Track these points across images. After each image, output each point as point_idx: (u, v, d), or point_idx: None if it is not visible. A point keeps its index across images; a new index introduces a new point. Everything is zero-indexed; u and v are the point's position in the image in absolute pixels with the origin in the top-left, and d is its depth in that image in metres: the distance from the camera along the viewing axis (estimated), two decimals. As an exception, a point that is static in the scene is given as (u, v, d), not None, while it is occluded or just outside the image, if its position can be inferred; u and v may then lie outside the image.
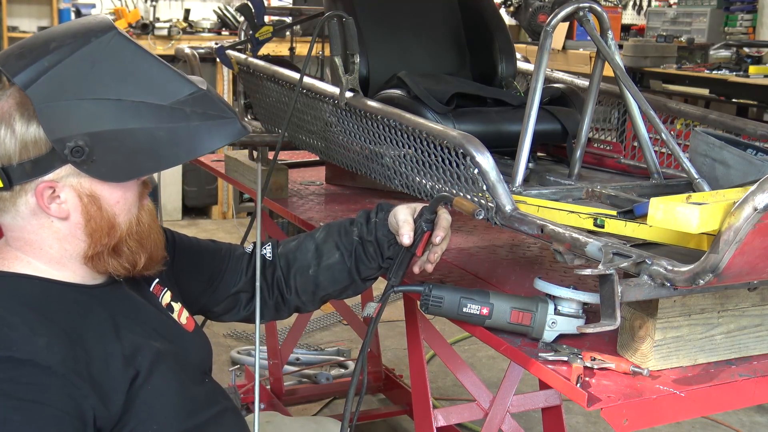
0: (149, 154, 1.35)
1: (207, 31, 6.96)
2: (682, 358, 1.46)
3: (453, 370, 2.21)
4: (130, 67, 1.36)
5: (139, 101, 1.34)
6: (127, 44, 1.38)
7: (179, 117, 1.36)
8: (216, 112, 1.40)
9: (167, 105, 1.36)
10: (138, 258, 1.43)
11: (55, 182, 1.34)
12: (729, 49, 5.37)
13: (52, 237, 1.38)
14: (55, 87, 1.31)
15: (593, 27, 1.89)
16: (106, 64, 1.35)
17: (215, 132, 1.40)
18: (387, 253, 1.72)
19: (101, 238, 1.38)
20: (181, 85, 1.39)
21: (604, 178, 2.07)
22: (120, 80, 1.35)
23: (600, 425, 3.44)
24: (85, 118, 1.32)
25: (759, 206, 1.20)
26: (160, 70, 1.39)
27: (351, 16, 2.11)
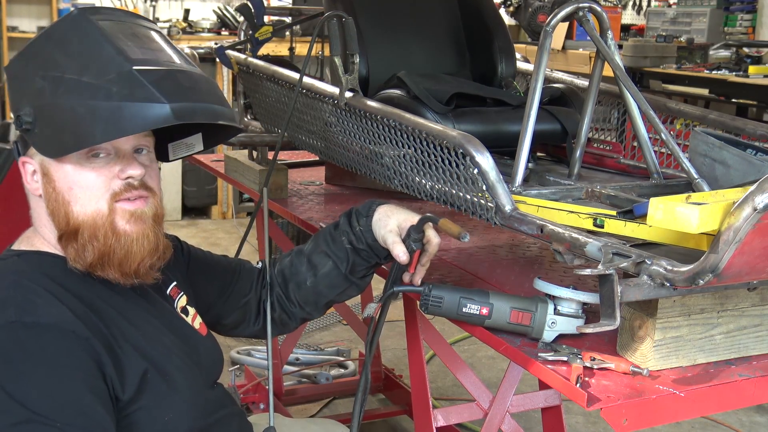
0: (72, 131, 1.35)
1: (207, 31, 6.96)
2: (681, 358, 1.46)
3: (453, 370, 2.21)
4: (79, 45, 1.40)
5: (76, 78, 1.36)
6: (81, 22, 1.42)
7: (102, 95, 1.34)
8: (142, 94, 1.34)
9: (94, 83, 1.35)
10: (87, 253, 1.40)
11: (30, 158, 1.43)
12: (729, 49, 5.37)
13: (45, 216, 1.45)
14: (23, 63, 1.43)
15: (593, 27, 1.89)
16: (60, 42, 1.41)
17: (135, 114, 1.34)
18: (383, 253, 1.73)
19: (59, 221, 1.41)
20: (115, 64, 1.36)
21: (603, 178, 2.07)
22: (67, 57, 1.39)
23: (600, 425, 3.44)
24: (33, 92, 1.38)
25: (759, 206, 1.20)
26: (100, 48, 1.38)
27: (351, 16, 2.11)
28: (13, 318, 1.28)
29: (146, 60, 1.39)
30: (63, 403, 1.25)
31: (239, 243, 2.06)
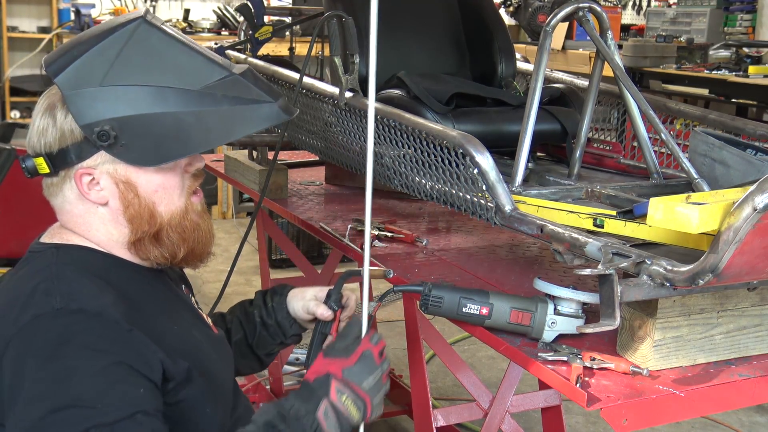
0: (177, 139, 1.38)
1: (207, 31, 6.96)
2: (681, 358, 1.46)
3: (453, 370, 2.21)
4: (157, 53, 1.40)
5: (165, 86, 1.37)
6: (154, 31, 1.41)
7: (208, 101, 1.39)
8: (250, 96, 1.42)
9: (196, 90, 1.38)
10: (178, 250, 1.46)
11: (92, 168, 1.40)
12: (728, 49, 5.37)
13: (98, 221, 1.43)
14: (83, 75, 1.37)
15: (593, 27, 1.89)
16: (132, 51, 1.39)
17: (249, 116, 1.42)
18: (290, 332, 1.77)
19: (141, 225, 1.43)
20: (211, 70, 1.41)
21: (603, 178, 2.07)
22: (146, 66, 1.38)
23: (600, 425, 3.44)
24: (111, 103, 1.36)
25: (758, 206, 1.20)
26: (189, 56, 1.42)
27: (351, 16, 2.11)
28: (59, 305, 1.29)
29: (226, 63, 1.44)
30: (106, 389, 1.26)
31: (239, 243, 2.06)
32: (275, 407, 1.37)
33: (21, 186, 2.91)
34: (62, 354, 1.26)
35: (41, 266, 1.38)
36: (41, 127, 1.40)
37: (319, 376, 1.41)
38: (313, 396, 1.38)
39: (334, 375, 1.40)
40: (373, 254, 2.01)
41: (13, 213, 2.93)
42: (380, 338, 1.47)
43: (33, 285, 1.34)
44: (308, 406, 1.36)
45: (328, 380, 1.39)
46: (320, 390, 1.39)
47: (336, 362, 1.42)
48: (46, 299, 1.30)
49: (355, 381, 1.40)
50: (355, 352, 1.43)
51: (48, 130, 1.39)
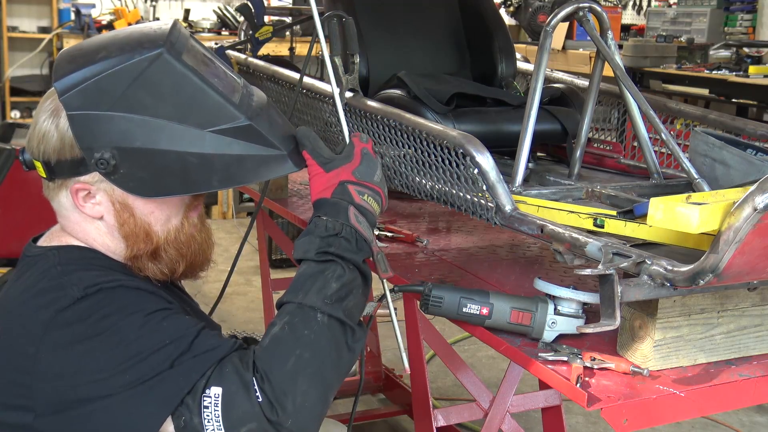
0: (179, 177, 1.35)
1: (207, 31, 6.96)
2: (682, 358, 1.46)
3: (453, 370, 2.21)
4: (171, 89, 1.34)
5: (174, 123, 1.33)
6: (174, 65, 1.34)
7: (216, 145, 1.35)
8: (262, 145, 1.38)
9: (205, 132, 1.34)
10: (177, 266, 1.45)
11: (89, 185, 1.37)
12: (729, 49, 5.37)
13: (95, 231, 1.42)
14: (91, 98, 1.32)
15: (593, 27, 1.89)
16: (146, 83, 1.33)
17: (255, 166, 1.38)
18: None
19: (137, 243, 1.41)
20: (225, 113, 1.36)
21: (604, 178, 2.07)
22: (158, 100, 1.33)
23: (600, 425, 3.44)
24: (116, 132, 1.32)
25: (759, 206, 1.20)
26: (204, 95, 1.36)
27: (351, 16, 2.11)
28: (79, 294, 1.29)
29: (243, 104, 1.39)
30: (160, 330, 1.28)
31: (240, 243, 2.06)
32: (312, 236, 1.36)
33: (21, 186, 2.91)
34: (104, 327, 1.27)
35: (44, 268, 1.37)
36: (42, 132, 1.36)
37: (334, 188, 1.40)
38: (339, 208, 1.38)
39: (347, 180, 1.40)
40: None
41: (13, 213, 2.93)
42: (367, 136, 1.48)
43: (42, 287, 1.33)
44: (339, 219, 1.37)
45: (345, 187, 1.40)
46: (343, 200, 1.39)
47: (343, 169, 1.41)
48: (62, 293, 1.30)
49: (367, 178, 1.42)
50: (356, 154, 1.43)
51: (49, 137, 1.35)
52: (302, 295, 1.31)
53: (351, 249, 1.36)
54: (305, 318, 1.29)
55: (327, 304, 1.30)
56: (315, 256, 1.34)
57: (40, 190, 1.48)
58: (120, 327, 1.27)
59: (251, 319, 4.32)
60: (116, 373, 1.25)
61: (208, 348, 1.28)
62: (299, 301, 1.30)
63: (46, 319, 1.28)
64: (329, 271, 1.33)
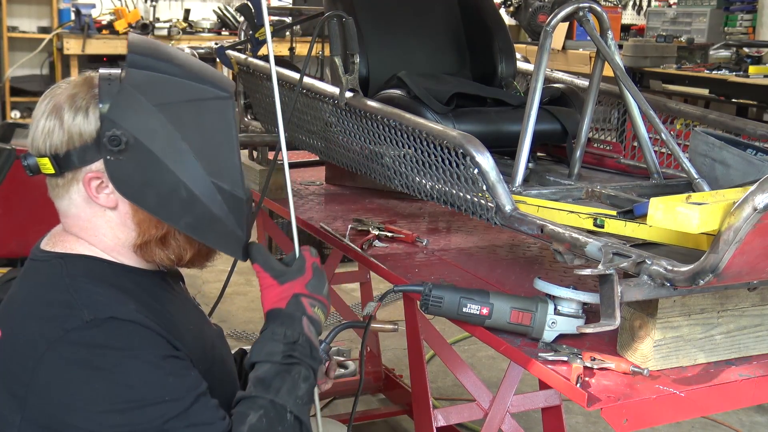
0: (161, 198, 1.38)
1: (207, 31, 6.97)
2: (681, 358, 1.46)
3: (453, 370, 2.21)
4: (212, 127, 1.40)
5: (192, 154, 1.37)
6: (228, 113, 1.41)
7: (209, 195, 1.39)
8: (236, 223, 1.43)
9: (209, 178, 1.39)
10: (184, 253, 1.46)
11: (102, 173, 1.38)
12: (729, 49, 5.37)
13: (105, 225, 1.42)
14: (150, 86, 1.36)
15: (593, 27, 1.89)
16: (199, 109, 1.39)
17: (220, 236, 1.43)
18: None
19: (149, 229, 1.42)
20: (232, 178, 1.42)
21: (604, 178, 2.07)
22: (196, 129, 1.38)
23: (600, 425, 3.44)
24: (144, 126, 1.35)
25: (759, 206, 1.20)
26: (231, 152, 1.42)
27: (351, 16, 2.11)
28: (89, 317, 1.28)
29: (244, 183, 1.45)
30: (165, 383, 1.29)
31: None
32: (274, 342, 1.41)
33: (21, 186, 2.91)
34: (111, 361, 1.27)
35: (52, 278, 1.37)
36: (47, 129, 1.37)
37: (289, 299, 1.47)
38: (294, 318, 1.44)
39: (301, 293, 1.47)
40: (374, 254, 2.01)
41: (13, 213, 2.93)
42: (315, 251, 1.55)
43: (50, 299, 1.33)
44: (295, 327, 1.43)
45: (299, 299, 1.46)
46: (297, 311, 1.45)
47: (297, 282, 1.48)
48: (71, 312, 1.29)
49: (317, 292, 1.49)
50: (307, 267, 1.50)
51: (54, 132, 1.36)
52: (274, 393, 1.36)
53: (308, 355, 1.42)
54: (278, 415, 1.35)
55: (297, 405, 1.37)
56: (280, 359, 1.40)
57: (40, 190, 1.47)
58: (125, 367, 1.27)
59: (251, 319, 4.32)
60: (111, 412, 1.25)
61: (204, 422, 1.29)
62: (271, 398, 1.35)
63: (50, 335, 1.28)
64: (295, 372, 1.39)
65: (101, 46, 6.62)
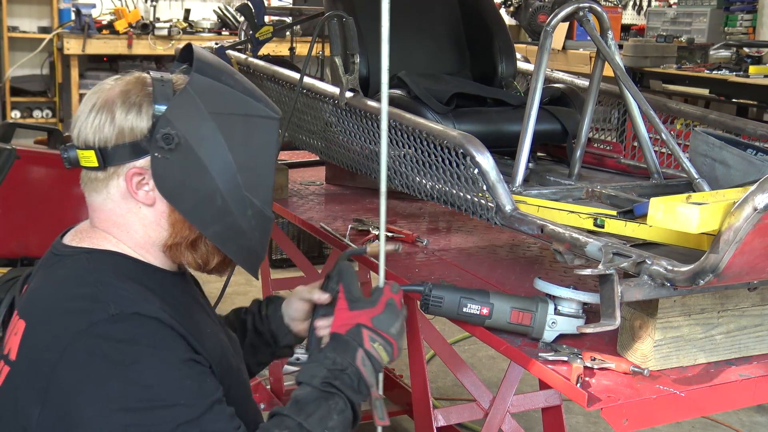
0: (196, 202, 1.41)
1: (207, 31, 6.97)
2: (682, 358, 1.46)
3: (453, 370, 2.21)
4: (257, 145, 1.45)
5: (234, 166, 1.41)
6: (274, 133, 1.48)
7: (241, 208, 1.43)
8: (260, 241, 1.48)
9: (245, 192, 1.43)
10: (211, 258, 1.48)
11: (145, 170, 1.40)
12: (729, 49, 5.37)
13: (138, 222, 1.43)
14: (209, 94, 1.41)
15: (593, 27, 1.89)
16: (248, 124, 1.44)
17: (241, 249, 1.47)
18: (282, 342, 1.76)
19: (182, 230, 1.44)
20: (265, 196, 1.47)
21: (604, 178, 2.07)
22: (243, 142, 1.43)
23: (600, 425, 3.44)
24: (196, 131, 1.39)
25: (759, 206, 1.20)
26: (268, 172, 1.48)
27: (351, 16, 2.11)
28: (115, 311, 1.30)
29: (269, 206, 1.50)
30: (181, 386, 1.29)
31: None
32: (320, 365, 1.41)
33: (21, 186, 2.91)
34: (131, 357, 1.28)
35: (78, 272, 1.38)
36: (97, 122, 1.39)
37: (350, 327, 1.46)
38: (348, 347, 1.44)
39: (364, 325, 1.46)
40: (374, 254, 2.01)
41: (13, 213, 2.93)
42: (399, 287, 1.52)
43: (75, 292, 1.34)
44: (347, 357, 1.42)
45: (360, 330, 1.46)
46: (354, 341, 1.45)
47: (364, 313, 1.47)
48: (97, 306, 1.30)
49: (383, 328, 1.47)
50: (380, 302, 1.49)
51: (105, 126, 1.38)
52: (305, 416, 1.36)
53: (352, 388, 1.42)
54: None
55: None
56: (319, 385, 1.40)
57: (40, 190, 1.47)
58: (144, 365, 1.28)
59: (251, 319, 4.33)
60: (123, 410, 1.26)
61: (216, 430, 1.30)
62: (300, 421, 1.35)
63: (75, 327, 1.29)
64: (333, 402, 1.38)
65: (101, 46, 6.62)
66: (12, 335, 1.37)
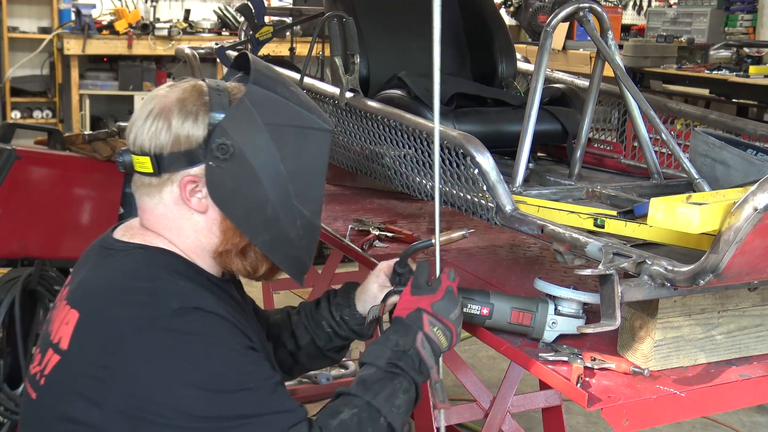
0: (246, 210, 1.43)
1: (207, 32, 6.96)
2: (682, 358, 1.46)
3: (453, 370, 2.21)
4: (309, 157, 1.47)
5: (284, 175, 1.43)
6: (326, 146, 1.49)
7: (290, 216, 1.45)
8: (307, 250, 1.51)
9: (294, 201, 1.45)
10: (260, 265, 1.50)
11: (199, 177, 1.42)
12: (729, 49, 5.37)
13: (190, 228, 1.45)
14: (265, 105, 1.43)
15: (593, 27, 1.89)
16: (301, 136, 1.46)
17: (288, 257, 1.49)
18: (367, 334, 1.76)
19: (233, 237, 1.46)
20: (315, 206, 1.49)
21: (604, 178, 2.07)
22: (295, 154, 1.45)
23: (600, 425, 3.44)
24: (251, 141, 1.41)
25: (759, 206, 1.20)
26: (319, 181, 1.50)
27: (351, 17, 2.11)
28: (177, 305, 1.32)
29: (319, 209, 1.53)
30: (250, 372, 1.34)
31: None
32: (384, 347, 1.45)
33: (21, 186, 2.91)
34: (198, 348, 1.30)
35: (134, 266, 1.40)
36: (154, 129, 1.40)
37: (411, 311, 1.50)
38: (409, 330, 1.47)
39: (424, 309, 1.49)
40: (374, 254, 2.01)
41: (13, 213, 2.93)
42: (456, 275, 1.55)
43: (133, 286, 1.36)
44: (407, 340, 1.46)
45: (420, 314, 1.48)
46: (415, 324, 1.48)
47: (425, 298, 1.50)
48: (158, 300, 1.32)
49: (442, 314, 1.49)
50: (440, 289, 1.51)
51: (161, 133, 1.40)
52: (372, 395, 1.39)
53: (415, 369, 1.44)
54: (371, 417, 1.38)
55: (392, 413, 1.39)
56: (384, 365, 1.43)
57: (40, 190, 1.47)
58: (211, 354, 1.31)
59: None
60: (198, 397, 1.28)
61: (287, 408, 1.34)
62: (369, 400, 1.38)
63: (136, 321, 1.30)
64: (398, 382, 1.42)
65: (101, 47, 6.62)
66: (62, 325, 1.38)
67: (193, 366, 1.29)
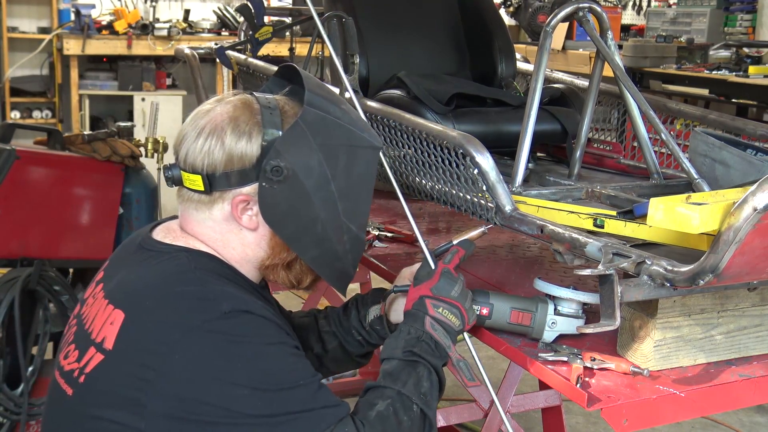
0: (297, 229, 1.45)
1: (207, 32, 6.95)
2: (682, 358, 1.46)
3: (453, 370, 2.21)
4: (358, 174, 1.49)
5: (335, 196, 1.45)
6: (374, 163, 1.52)
7: (337, 233, 1.48)
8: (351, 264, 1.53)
9: (343, 219, 1.47)
10: (305, 277, 1.53)
11: (251, 196, 1.43)
12: (729, 49, 5.37)
13: (237, 241, 1.47)
14: (318, 126, 1.44)
15: (593, 27, 1.89)
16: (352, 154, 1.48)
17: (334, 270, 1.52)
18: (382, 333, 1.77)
19: (281, 252, 1.48)
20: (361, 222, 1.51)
21: (603, 179, 2.07)
22: (346, 172, 1.46)
23: (600, 425, 3.44)
24: (304, 162, 1.42)
25: (759, 206, 1.20)
26: (366, 199, 1.53)
27: (351, 17, 2.11)
28: (227, 308, 1.33)
29: None
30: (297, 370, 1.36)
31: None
32: (397, 339, 1.49)
33: (20, 186, 2.90)
34: (249, 349, 1.32)
35: (180, 269, 1.40)
36: (206, 148, 1.41)
37: (415, 301, 1.54)
38: (417, 318, 1.51)
39: (425, 295, 1.54)
40: (374, 254, 2.01)
41: (13, 213, 2.93)
42: (452, 257, 1.58)
43: (181, 289, 1.36)
44: (417, 326, 1.50)
45: (423, 301, 1.53)
46: (420, 311, 1.52)
47: (423, 286, 1.55)
48: (208, 303, 1.33)
49: (443, 294, 1.53)
50: (436, 272, 1.56)
51: (214, 152, 1.40)
52: (401, 385, 1.42)
53: (431, 353, 1.48)
54: (405, 405, 1.40)
55: (422, 400, 1.42)
56: (402, 355, 1.46)
57: (40, 190, 1.47)
58: (263, 355, 1.33)
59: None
60: (251, 396, 1.29)
61: (333, 403, 1.36)
62: (399, 389, 1.41)
63: (187, 324, 1.31)
64: (420, 370, 1.45)
65: (101, 47, 6.62)
66: (106, 324, 1.37)
67: (244, 366, 1.30)
